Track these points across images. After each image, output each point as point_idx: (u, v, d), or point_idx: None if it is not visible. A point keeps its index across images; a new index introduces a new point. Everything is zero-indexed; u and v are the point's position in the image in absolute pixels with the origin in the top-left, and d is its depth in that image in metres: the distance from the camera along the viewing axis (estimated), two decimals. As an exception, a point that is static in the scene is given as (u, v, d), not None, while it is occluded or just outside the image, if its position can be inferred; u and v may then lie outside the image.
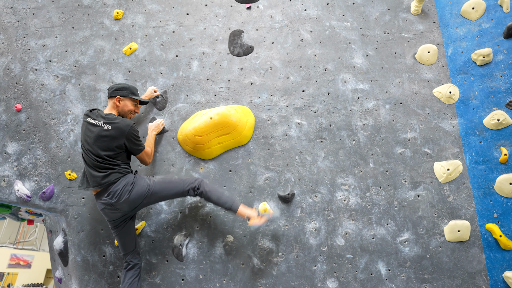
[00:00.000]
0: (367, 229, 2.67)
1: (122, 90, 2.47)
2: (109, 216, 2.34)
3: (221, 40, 3.13)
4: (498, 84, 2.81)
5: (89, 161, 2.32)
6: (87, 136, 2.35)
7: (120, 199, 2.26)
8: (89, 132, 2.35)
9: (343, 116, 2.92)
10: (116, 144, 2.31)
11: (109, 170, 2.29)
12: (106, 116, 2.36)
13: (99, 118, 2.36)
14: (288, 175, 2.80)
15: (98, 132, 2.31)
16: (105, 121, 2.33)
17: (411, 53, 3.06)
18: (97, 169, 2.29)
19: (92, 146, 2.30)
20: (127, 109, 2.50)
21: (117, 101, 2.46)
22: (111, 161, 2.30)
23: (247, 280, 2.61)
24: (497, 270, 2.52)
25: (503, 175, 2.63)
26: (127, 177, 2.33)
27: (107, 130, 2.30)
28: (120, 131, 2.31)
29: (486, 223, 2.62)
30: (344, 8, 3.19)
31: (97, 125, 2.33)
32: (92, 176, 2.29)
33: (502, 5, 2.93)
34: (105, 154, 2.28)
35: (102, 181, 2.26)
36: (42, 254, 12.74)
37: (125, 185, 2.27)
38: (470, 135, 2.80)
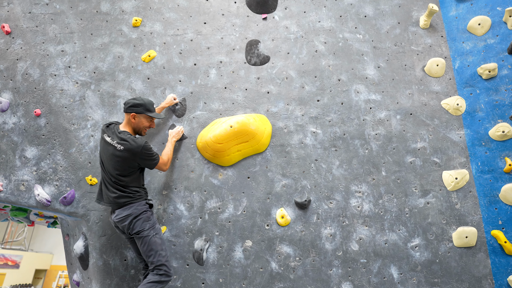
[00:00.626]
0: (380, 235, 2.80)
1: (138, 107, 2.48)
2: (119, 231, 2.47)
3: (238, 49, 3.22)
4: (503, 98, 2.97)
5: (104, 178, 2.42)
6: (103, 153, 2.44)
7: (122, 224, 2.35)
8: (105, 150, 2.42)
9: (356, 125, 3.04)
10: (129, 164, 2.37)
11: (119, 191, 2.35)
12: (120, 135, 2.40)
13: (113, 136, 2.41)
14: (304, 182, 2.91)
15: (112, 151, 2.37)
16: (118, 141, 2.37)
17: (420, 65, 3.19)
18: (110, 188, 2.38)
19: (107, 165, 2.39)
20: (142, 126, 2.54)
21: (132, 117, 2.49)
22: (123, 182, 2.36)
23: (266, 283, 2.71)
24: (502, 274, 2.68)
25: (508, 184, 2.78)
26: (137, 205, 2.36)
27: (119, 150, 2.35)
28: (132, 152, 2.35)
29: (491, 229, 2.77)
30: (356, 20, 3.31)
31: (112, 144, 2.38)
32: (106, 193, 2.40)
33: (506, 22, 3.09)
34: (117, 173, 2.35)
35: (113, 200, 2.35)
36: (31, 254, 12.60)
37: (130, 215, 2.32)
38: (476, 146, 2.95)
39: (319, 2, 3.34)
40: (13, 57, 3.16)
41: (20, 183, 2.96)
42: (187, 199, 2.86)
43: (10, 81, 3.13)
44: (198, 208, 2.86)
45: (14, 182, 2.97)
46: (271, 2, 3.32)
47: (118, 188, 2.35)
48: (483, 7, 3.19)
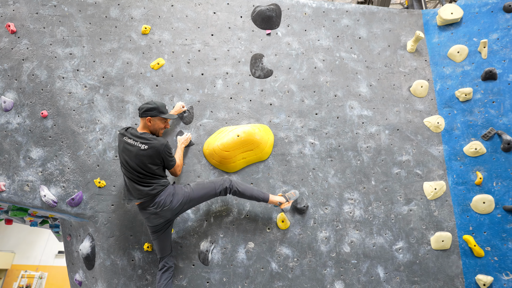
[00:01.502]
0: (368, 238, 3.11)
1: (152, 111, 2.64)
2: (153, 223, 2.56)
3: (243, 62, 3.42)
4: (476, 119, 3.38)
5: (132, 177, 2.53)
6: (126, 155, 2.56)
7: (164, 208, 2.50)
8: (127, 152, 2.55)
9: (350, 138, 3.33)
10: (153, 161, 2.54)
11: (152, 184, 2.52)
12: (142, 136, 2.58)
13: (135, 138, 2.57)
14: (303, 189, 3.16)
15: (136, 151, 2.52)
16: (141, 141, 2.54)
17: (406, 86, 3.55)
18: (141, 184, 2.51)
19: (133, 164, 2.52)
20: (158, 127, 2.70)
21: (148, 121, 2.66)
22: (152, 176, 2.53)
23: (266, 282, 2.94)
24: (471, 274, 3.07)
25: (478, 195, 3.19)
26: (168, 188, 2.58)
27: (144, 149, 2.52)
28: (155, 150, 2.53)
29: (463, 234, 3.16)
30: (352, 41, 3.61)
31: (135, 145, 2.54)
32: (137, 189, 2.51)
33: (481, 52, 3.51)
34: (145, 171, 2.51)
35: (147, 193, 2.49)
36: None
37: (167, 196, 2.53)
38: (453, 160, 3.34)
39: (318, 22, 3.61)
40: (18, 57, 3.17)
41: (24, 184, 2.99)
42: (194, 202, 3.02)
43: (15, 81, 3.13)
44: (204, 212, 3.03)
45: (18, 182, 2.99)
46: (275, 19, 3.55)
47: (149, 182, 2.52)
48: (461, 36, 3.60)
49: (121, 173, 3.02)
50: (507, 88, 3.34)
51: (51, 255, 13.38)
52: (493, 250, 3.05)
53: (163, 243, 2.66)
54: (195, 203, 2.68)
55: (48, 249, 13.45)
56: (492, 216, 3.12)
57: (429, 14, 3.78)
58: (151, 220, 2.56)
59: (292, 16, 3.59)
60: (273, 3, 3.59)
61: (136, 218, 2.96)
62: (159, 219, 2.56)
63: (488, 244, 3.08)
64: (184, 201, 2.58)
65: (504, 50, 3.43)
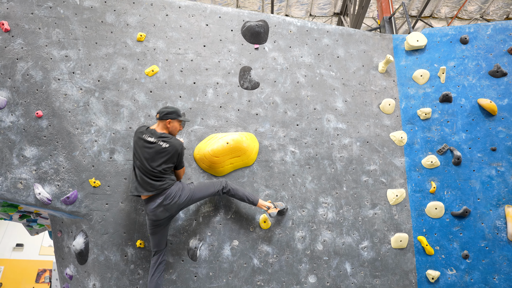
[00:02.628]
0: (339, 238, 3.52)
1: (172, 114, 2.93)
2: (158, 216, 2.80)
3: (232, 73, 3.68)
4: (433, 135, 3.89)
5: (145, 172, 2.77)
6: (144, 151, 2.80)
7: (173, 201, 2.79)
8: (146, 149, 2.80)
9: (326, 148, 3.72)
10: (170, 159, 2.82)
11: (164, 179, 2.79)
12: (162, 135, 2.86)
13: (155, 137, 2.83)
14: (283, 193, 3.51)
15: (156, 149, 2.78)
16: (162, 140, 2.82)
17: (376, 103, 3.99)
18: (154, 178, 2.77)
19: (150, 161, 2.77)
20: (175, 129, 2.98)
21: (167, 123, 2.92)
22: (165, 172, 2.81)
23: (248, 276, 3.26)
24: (423, 269, 3.58)
25: (432, 202, 3.71)
26: (177, 184, 2.88)
27: (164, 148, 2.80)
28: (175, 148, 2.83)
29: (418, 235, 3.67)
30: (331, 59, 3.99)
31: (155, 143, 2.80)
32: (149, 183, 2.76)
33: (440, 77, 4.03)
34: (160, 167, 2.77)
35: (159, 187, 2.75)
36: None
37: (177, 191, 2.82)
38: (412, 171, 3.84)
39: (302, 40, 3.95)
40: (12, 55, 3.21)
41: (18, 181, 3.07)
42: (184, 203, 3.26)
43: (8, 80, 3.18)
44: (194, 212, 3.28)
45: (11, 179, 3.07)
46: (263, 35, 3.84)
47: (162, 177, 2.78)
48: (424, 61, 4.10)
49: (115, 174, 3.19)
50: (459, 110, 3.88)
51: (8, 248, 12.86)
52: (441, 249, 3.59)
53: (161, 238, 2.90)
54: (196, 200, 2.98)
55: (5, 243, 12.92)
56: (442, 220, 3.65)
57: (399, 39, 4.25)
58: (157, 214, 2.79)
59: (279, 33, 3.90)
60: (261, 20, 3.87)
61: (129, 217, 3.16)
62: (165, 213, 2.81)
63: (438, 244, 3.61)
64: (189, 197, 2.88)
65: (459, 76, 3.97)
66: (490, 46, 4.00)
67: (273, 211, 3.19)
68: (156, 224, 2.85)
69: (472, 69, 3.97)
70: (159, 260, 2.89)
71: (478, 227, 3.58)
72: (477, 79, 3.93)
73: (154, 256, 2.91)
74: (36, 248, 12.38)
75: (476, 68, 3.96)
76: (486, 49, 4.00)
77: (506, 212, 3.56)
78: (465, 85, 3.93)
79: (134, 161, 2.86)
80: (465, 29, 4.10)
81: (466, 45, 4.06)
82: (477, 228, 3.58)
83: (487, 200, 3.62)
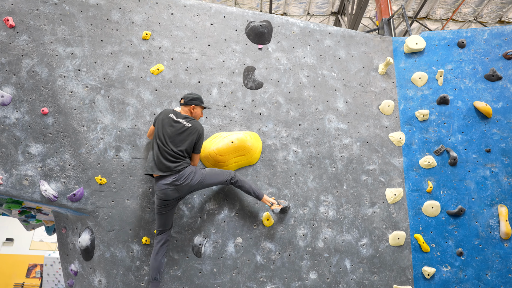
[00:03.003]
0: (339, 235, 3.62)
1: (196, 100, 3.11)
2: (167, 196, 2.89)
3: (237, 73, 3.73)
4: (430, 136, 4.01)
5: (163, 152, 2.88)
6: (169, 130, 2.93)
7: (185, 182, 2.88)
8: (171, 127, 2.95)
9: (327, 148, 3.80)
10: (191, 139, 2.96)
11: (180, 161, 2.90)
12: (187, 117, 3.05)
13: (181, 118, 3.01)
14: (286, 191, 3.59)
15: (180, 128, 2.95)
16: (186, 120, 3.01)
17: (376, 104, 4.09)
18: (171, 159, 2.87)
19: (172, 139, 2.90)
20: (197, 115, 3.16)
21: (192, 108, 3.11)
22: (182, 154, 2.92)
23: (251, 272, 3.34)
24: (419, 266, 3.71)
25: (428, 201, 3.83)
26: (190, 167, 2.98)
27: (188, 127, 2.98)
28: (196, 129, 3.00)
29: (414, 233, 3.79)
30: (332, 61, 4.06)
31: (180, 123, 2.98)
32: (164, 165, 2.86)
33: (437, 80, 4.14)
34: (182, 148, 2.91)
35: (174, 168, 2.86)
36: None
37: (190, 173, 2.92)
38: (410, 171, 3.95)
39: (305, 41, 4.01)
40: (17, 52, 3.21)
41: (23, 178, 3.09)
42: (189, 201, 3.32)
43: (13, 76, 3.18)
44: (198, 209, 3.34)
45: (16, 176, 3.08)
46: (267, 35, 3.89)
47: (179, 158, 2.91)
48: (423, 64, 4.21)
49: (121, 171, 3.22)
50: (456, 112, 4.00)
51: (-3, 242, 12.73)
52: (437, 247, 3.71)
53: (167, 218, 2.99)
54: (206, 185, 3.08)
55: (-6, 237, 12.78)
56: (438, 218, 3.77)
57: (398, 42, 4.35)
58: (168, 193, 2.87)
59: (282, 34, 3.96)
60: (265, 20, 3.92)
61: (135, 214, 3.20)
62: (175, 193, 2.89)
63: (433, 242, 3.73)
64: (201, 180, 2.97)
65: (456, 79, 4.09)
66: (486, 50, 4.12)
67: (276, 208, 3.26)
68: (165, 204, 2.93)
69: (469, 73, 4.09)
70: (163, 239, 2.98)
71: (472, 226, 3.71)
72: (473, 82, 4.05)
73: (158, 235, 2.99)
74: (26, 242, 12.28)
75: (472, 72, 4.08)
76: (482, 53, 4.12)
77: (499, 211, 3.70)
78: (462, 88, 4.05)
79: (155, 141, 2.96)
80: (462, 33, 4.21)
81: (463, 49, 4.17)
82: (471, 226, 3.71)
83: (481, 199, 3.76)
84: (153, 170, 2.89)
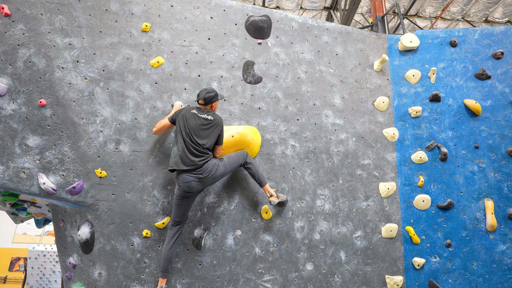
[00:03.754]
0: (335, 228, 3.73)
1: (215, 97, 3.19)
2: (191, 188, 2.95)
3: (236, 67, 3.74)
4: (422, 132, 4.14)
5: (189, 146, 2.96)
6: (193, 124, 3.02)
7: (209, 175, 2.96)
8: (194, 121, 3.03)
9: (324, 143, 3.88)
10: (216, 132, 3.08)
11: (204, 155, 2.99)
12: (208, 111, 3.15)
13: (203, 112, 3.11)
14: (284, 185, 3.65)
15: (205, 122, 3.06)
16: (207, 114, 3.11)
17: (371, 100, 4.18)
18: (196, 154, 2.96)
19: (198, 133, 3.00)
20: (216, 108, 3.27)
21: (213, 105, 3.22)
22: (206, 149, 3.01)
23: (250, 264, 3.40)
24: (410, 257, 3.86)
25: (419, 195, 3.97)
26: (213, 160, 3.05)
27: (211, 120, 3.09)
28: (218, 122, 3.12)
29: (406, 226, 3.93)
30: (330, 57, 4.12)
31: (203, 117, 3.07)
32: (189, 159, 2.93)
33: (430, 78, 4.27)
34: (206, 142, 3.02)
35: (199, 162, 2.94)
36: None
37: (213, 165, 3.02)
38: (402, 166, 4.08)
39: (303, 36, 4.05)
40: (12, 41, 3.13)
41: (21, 170, 3.04)
42: (189, 194, 3.34)
43: (9, 66, 3.11)
44: (198, 202, 3.37)
45: (13, 169, 3.03)
46: (266, 30, 3.91)
47: (203, 153, 2.99)
48: (416, 62, 4.32)
49: (121, 164, 3.21)
50: (447, 110, 4.14)
51: (-18, 235, 12.44)
52: (427, 239, 3.87)
53: (186, 210, 3.06)
54: (228, 173, 3.19)
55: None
56: (428, 212, 3.93)
57: (393, 39, 4.44)
58: (192, 186, 2.93)
59: (281, 29, 3.98)
60: (264, 15, 3.93)
61: (135, 207, 3.21)
62: (199, 185, 2.96)
63: (423, 234, 3.89)
64: (223, 171, 3.08)
65: (448, 78, 4.22)
66: (476, 50, 4.27)
67: (273, 200, 3.33)
68: (186, 195, 2.98)
69: (460, 71, 4.23)
70: (178, 231, 3.04)
71: (460, 218, 3.88)
72: (464, 80, 4.19)
73: (174, 227, 3.04)
74: (9, 236, 12.04)
75: (463, 70, 4.22)
76: (473, 53, 4.26)
77: (486, 205, 3.88)
78: (453, 86, 4.19)
79: (179, 135, 3.00)
80: (454, 33, 4.34)
81: (455, 48, 4.30)
82: (459, 219, 3.88)
83: (469, 193, 3.93)
84: (177, 165, 2.94)
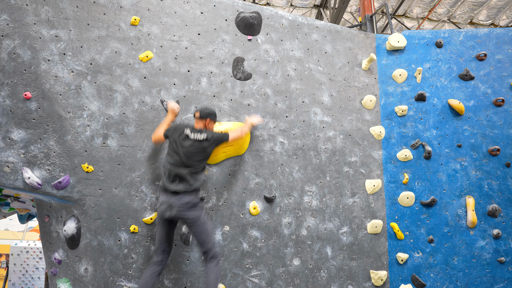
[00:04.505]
0: (321, 224, 3.78)
1: (212, 115, 3.19)
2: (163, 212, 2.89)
3: (226, 63, 3.74)
4: (408, 131, 4.23)
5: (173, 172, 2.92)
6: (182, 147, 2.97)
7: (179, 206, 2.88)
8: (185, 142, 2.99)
9: (312, 140, 3.93)
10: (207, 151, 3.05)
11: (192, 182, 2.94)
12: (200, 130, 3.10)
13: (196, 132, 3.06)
14: (272, 181, 3.69)
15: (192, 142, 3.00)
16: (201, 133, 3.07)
17: (359, 99, 4.24)
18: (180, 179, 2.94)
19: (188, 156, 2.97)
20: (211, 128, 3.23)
21: (207, 122, 3.17)
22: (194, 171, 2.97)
23: (238, 259, 3.43)
24: (394, 252, 3.96)
25: (404, 192, 4.07)
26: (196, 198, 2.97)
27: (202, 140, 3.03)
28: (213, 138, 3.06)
29: (390, 222, 4.03)
30: (319, 55, 4.16)
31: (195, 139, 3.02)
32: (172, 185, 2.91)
33: (416, 77, 4.36)
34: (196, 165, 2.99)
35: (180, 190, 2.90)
36: None
37: (189, 202, 2.90)
38: (388, 163, 4.17)
39: (293, 34, 4.07)
40: (-4, 32, 3.05)
41: (4, 164, 2.98)
42: (177, 190, 3.33)
43: (-7, 58, 3.02)
44: (187, 198, 3.36)
45: (-3, 162, 2.96)
46: (256, 26, 3.91)
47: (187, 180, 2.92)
48: (403, 62, 4.40)
49: (108, 159, 3.18)
50: (432, 109, 4.24)
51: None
52: (410, 234, 3.98)
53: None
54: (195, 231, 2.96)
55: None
56: (412, 208, 4.03)
57: (381, 39, 4.51)
58: (162, 209, 2.89)
59: (271, 26, 3.99)
60: (255, 11, 3.93)
61: (123, 202, 3.18)
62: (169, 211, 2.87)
63: (407, 230, 3.99)
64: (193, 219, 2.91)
65: (433, 78, 4.32)
66: (461, 51, 4.37)
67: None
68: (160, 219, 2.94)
69: (445, 72, 4.33)
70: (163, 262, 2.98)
71: (443, 215, 4.00)
72: (449, 81, 4.30)
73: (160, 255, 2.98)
74: (-11, 232, 11.79)
75: (448, 71, 4.33)
76: (458, 54, 4.37)
77: (467, 202, 4.01)
78: (438, 86, 4.29)
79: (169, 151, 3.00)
80: (440, 34, 4.44)
81: (441, 48, 4.40)
82: (441, 215, 4.00)
83: (452, 191, 4.04)
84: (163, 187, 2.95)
